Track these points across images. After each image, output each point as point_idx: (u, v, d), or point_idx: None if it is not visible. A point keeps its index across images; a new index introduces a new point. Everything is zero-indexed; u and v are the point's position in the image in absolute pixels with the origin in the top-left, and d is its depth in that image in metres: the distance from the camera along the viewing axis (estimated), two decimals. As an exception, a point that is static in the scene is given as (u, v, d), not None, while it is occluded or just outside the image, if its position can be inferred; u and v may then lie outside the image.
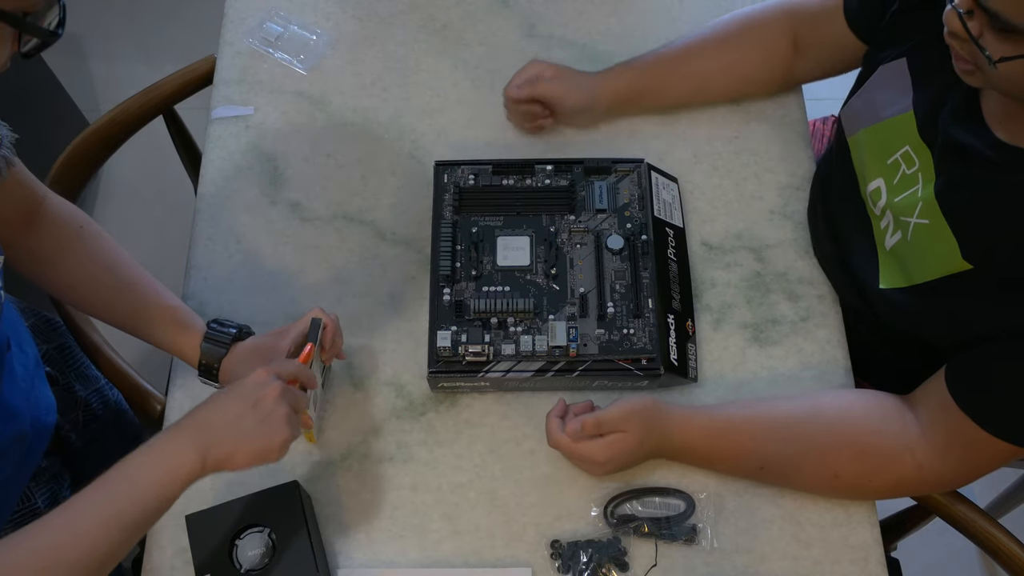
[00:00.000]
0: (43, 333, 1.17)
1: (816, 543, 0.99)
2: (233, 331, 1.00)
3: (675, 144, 1.24)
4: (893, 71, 1.00)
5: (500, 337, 1.02)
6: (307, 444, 1.04)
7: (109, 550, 0.76)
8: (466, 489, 1.03)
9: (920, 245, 0.95)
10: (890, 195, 0.99)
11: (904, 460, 0.94)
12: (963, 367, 0.91)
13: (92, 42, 2.38)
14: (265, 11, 1.34)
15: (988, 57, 0.77)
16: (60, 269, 0.99)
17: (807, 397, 1.01)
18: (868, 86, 1.04)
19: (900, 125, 0.98)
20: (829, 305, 1.12)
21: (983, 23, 0.77)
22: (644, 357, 1.01)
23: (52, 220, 0.99)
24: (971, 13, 0.78)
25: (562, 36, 1.32)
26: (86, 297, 1.02)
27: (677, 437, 0.98)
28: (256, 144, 1.24)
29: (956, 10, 0.79)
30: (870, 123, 1.02)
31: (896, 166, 0.98)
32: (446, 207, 1.10)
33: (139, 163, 2.10)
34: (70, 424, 1.15)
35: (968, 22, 0.78)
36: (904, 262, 0.98)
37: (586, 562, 0.97)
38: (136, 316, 1.01)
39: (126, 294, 1.00)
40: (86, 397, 1.18)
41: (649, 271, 1.06)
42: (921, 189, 0.94)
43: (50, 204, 1.00)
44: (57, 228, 0.99)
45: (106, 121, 1.28)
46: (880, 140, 1.01)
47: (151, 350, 1.03)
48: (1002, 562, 1.03)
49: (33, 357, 1.06)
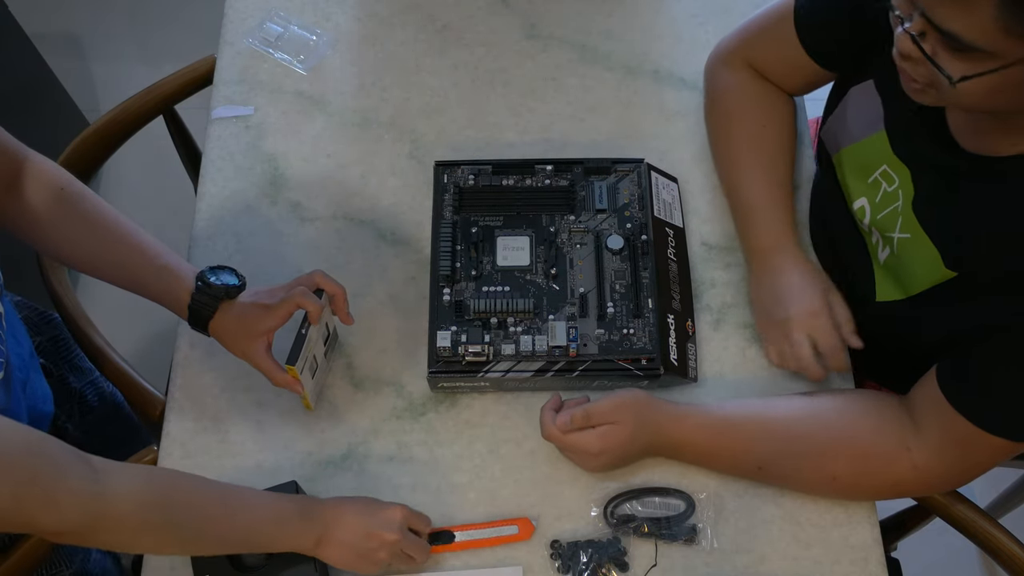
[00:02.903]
0: (36, 326, 1.18)
1: (816, 543, 0.99)
2: (219, 296, 0.98)
3: (675, 144, 1.24)
4: (863, 92, 1.01)
5: (500, 337, 1.02)
6: (307, 444, 1.04)
7: (222, 549, 0.90)
8: (466, 489, 1.03)
9: (907, 258, 0.96)
10: (873, 212, 1.01)
11: (901, 461, 0.94)
12: (952, 365, 0.92)
13: (92, 42, 2.38)
14: (265, 11, 1.34)
15: (948, 77, 0.77)
16: (43, 230, 0.98)
17: (805, 397, 1.01)
18: (842, 107, 1.05)
19: (875, 144, 0.99)
20: (829, 305, 1.12)
21: (936, 43, 0.77)
22: (644, 357, 1.01)
23: (33, 181, 0.97)
24: (924, 35, 0.77)
25: (562, 36, 1.32)
26: (71, 257, 1.01)
27: (672, 433, 0.98)
28: (256, 144, 1.24)
29: (908, 33, 0.78)
30: (847, 143, 1.04)
31: (877, 184, 1.00)
32: (446, 207, 1.10)
33: (139, 163, 2.09)
34: (66, 415, 1.16)
35: (922, 43, 0.78)
36: (898, 275, 0.99)
37: (586, 562, 0.97)
38: (124, 274, 1.00)
39: (111, 254, 0.99)
40: (80, 388, 1.19)
41: (649, 271, 1.06)
42: (901, 205, 0.96)
43: (31, 165, 0.98)
44: (37, 189, 0.97)
45: (106, 121, 1.28)
46: (859, 160, 1.02)
47: (151, 350, 1.03)
48: (1002, 562, 1.03)
49: (28, 348, 1.06)
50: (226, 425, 1.06)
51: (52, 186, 0.98)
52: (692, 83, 1.27)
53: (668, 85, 1.28)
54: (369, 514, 0.93)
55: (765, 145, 1.12)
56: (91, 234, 0.99)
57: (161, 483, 0.85)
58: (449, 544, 0.98)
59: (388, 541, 0.92)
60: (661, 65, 1.30)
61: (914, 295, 0.97)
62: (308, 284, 0.98)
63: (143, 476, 0.83)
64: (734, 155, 1.14)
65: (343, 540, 0.91)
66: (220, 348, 1.02)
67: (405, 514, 0.94)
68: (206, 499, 0.87)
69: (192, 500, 0.86)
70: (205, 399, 1.07)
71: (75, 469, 0.78)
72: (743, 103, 1.14)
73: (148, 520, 0.81)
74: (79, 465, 0.78)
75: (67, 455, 0.78)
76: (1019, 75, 0.74)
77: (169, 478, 0.88)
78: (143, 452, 1.07)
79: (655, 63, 1.30)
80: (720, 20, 1.32)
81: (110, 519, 0.79)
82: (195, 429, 1.06)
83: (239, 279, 0.99)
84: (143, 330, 1.94)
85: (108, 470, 0.80)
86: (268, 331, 0.97)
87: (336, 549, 0.91)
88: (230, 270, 1.00)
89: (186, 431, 1.06)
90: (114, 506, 0.79)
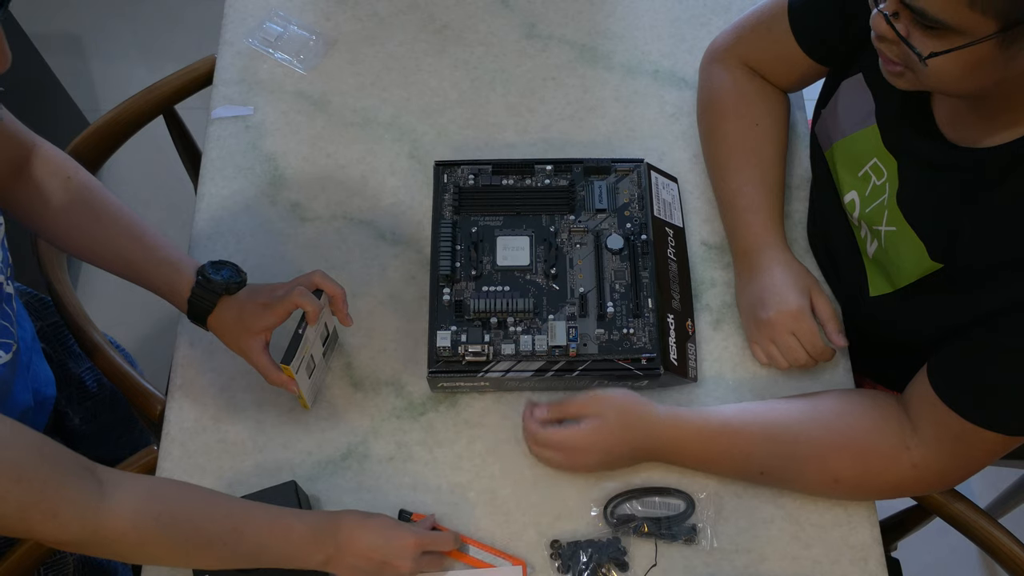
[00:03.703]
0: (37, 311, 1.19)
1: (816, 543, 0.99)
2: (219, 291, 0.98)
3: (675, 144, 1.24)
4: (854, 86, 1.01)
5: (500, 337, 1.02)
6: (307, 444, 1.04)
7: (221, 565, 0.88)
8: (466, 489, 1.03)
9: (894, 251, 0.97)
10: (863, 206, 1.01)
11: (902, 460, 0.94)
12: (942, 361, 0.92)
13: (92, 42, 2.38)
14: (265, 11, 1.34)
15: (918, 54, 0.78)
16: (48, 217, 0.98)
17: (804, 399, 1.01)
18: (834, 101, 1.05)
19: (866, 138, 0.99)
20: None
21: (909, 22, 0.78)
22: (644, 357, 1.01)
23: (41, 167, 0.98)
24: (897, 15, 0.79)
25: (562, 36, 1.32)
26: (74, 244, 1.01)
27: (668, 435, 0.98)
28: (256, 144, 1.24)
29: (882, 13, 0.80)
30: (839, 137, 1.04)
31: (867, 178, 1.00)
32: (446, 207, 1.10)
33: (139, 163, 2.10)
34: (66, 400, 1.16)
35: (896, 24, 0.79)
36: (886, 269, 1.00)
37: (586, 562, 0.97)
38: (125, 265, 1.00)
39: (113, 244, 0.99)
40: (80, 374, 1.19)
41: (649, 271, 1.06)
42: (887, 198, 0.97)
43: (41, 152, 0.99)
44: (45, 176, 0.98)
45: (106, 121, 1.28)
46: (850, 153, 1.03)
47: (151, 350, 1.03)
48: (1002, 562, 1.03)
49: (31, 332, 1.07)
50: (225, 425, 1.06)
51: (59, 174, 0.99)
52: (692, 83, 1.27)
53: (668, 85, 1.28)
54: (384, 539, 0.91)
55: (756, 144, 1.12)
56: (94, 223, 0.99)
57: (165, 499, 0.84)
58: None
59: (400, 571, 0.91)
60: (661, 65, 1.30)
61: (902, 288, 0.97)
62: (307, 284, 0.98)
63: (146, 491, 0.82)
64: (725, 154, 1.14)
65: (354, 565, 0.90)
66: (220, 348, 1.02)
67: (420, 543, 0.92)
68: (211, 517, 0.86)
69: (196, 517, 0.85)
70: (205, 399, 1.07)
71: (79, 481, 0.77)
72: (737, 101, 1.14)
73: (148, 537, 0.81)
74: (84, 476, 0.78)
75: (74, 465, 0.78)
76: (987, 53, 0.76)
77: (174, 493, 0.87)
78: (143, 452, 1.07)
79: (655, 63, 1.30)
80: (720, 20, 1.32)
81: (110, 533, 0.78)
82: (195, 429, 1.06)
83: (239, 275, 0.99)
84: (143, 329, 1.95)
85: (113, 482, 0.80)
86: (266, 329, 0.97)
87: (346, 572, 0.91)
88: (231, 266, 0.99)
89: (186, 431, 1.06)
90: (114, 521, 0.78)
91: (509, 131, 1.25)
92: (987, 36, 0.74)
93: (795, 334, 1.03)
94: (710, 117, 1.17)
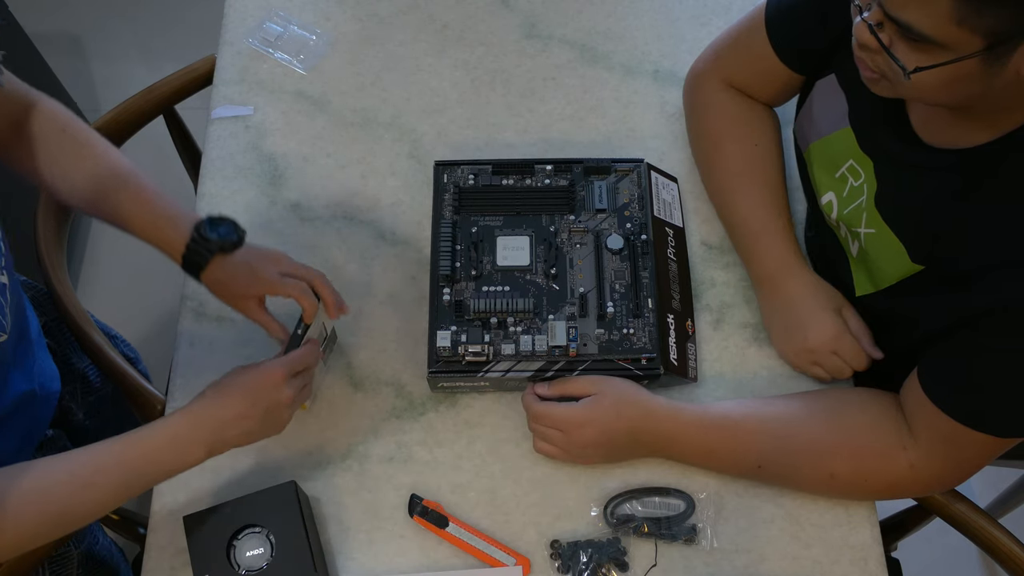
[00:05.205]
0: (41, 305, 1.18)
1: (816, 543, 1.00)
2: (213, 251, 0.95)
3: (675, 144, 1.24)
4: (827, 87, 1.01)
5: (500, 337, 1.02)
6: (307, 444, 1.04)
7: (108, 509, 0.85)
8: (466, 489, 1.03)
9: (875, 253, 0.97)
10: (840, 207, 1.01)
11: (898, 459, 0.94)
12: (930, 362, 0.93)
13: (92, 42, 2.38)
14: (265, 11, 1.34)
15: (903, 67, 0.78)
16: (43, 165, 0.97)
17: (803, 396, 1.01)
18: (809, 102, 1.05)
19: (841, 139, 0.99)
20: (829, 305, 1.12)
21: (893, 34, 0.78)
22: (644, 357, 1.01)
23: (39, 118, 0.97)
24: (880, 25, 0.78)
25: (562, 36, 1.32)
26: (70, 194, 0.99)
27: (666, 424, 0.98)
28: (256, 144, 1.24)
29: (866, 23, 0.79)
30: (815, 138, 1.04)
31: (844, 179, 1.00)
32: (446, 207, 1.10)
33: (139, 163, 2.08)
34: (70, 394, 1.16)
35: (879, 34, 0.78)
36: (869, 269, 1.00)
37: (586, 562, 0.97)
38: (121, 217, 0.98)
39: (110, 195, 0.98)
40: (83, 369, 1.19)
41: (649, 271, 1.06)
42: (865, 200, 0.96)
43: (41, 106, 0.98)
44: (42, 125, 0.97)
45: (106, 121, 1.28)
46: (827, 155, 1.02)
47: (151, 350, 1.03)
48: (1002, 562, 1.03)
49: (35, 326, 1.06)
50: (226, 425, 1.06)
51: (56, 124, 0.98)
52: (692, 83, 1.27)
53: (668, 85, 1.28)
54: (250, 391, 0.89)
55: (759, 164, 1.12)
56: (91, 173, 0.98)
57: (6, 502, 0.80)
58: (441, 529, 0.98)
59: (285, 401, 0.91)
60: (661, 65, 1.30)
61: (885, 289, 0.97)
62: (307, 280, 0.98)
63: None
64: (730, 179, 1.13)
65: (239, 433, 0.89)
66: (220, 348, 1.02)
67: (284, 369, 0.91)
68: (54, 480, 0.82)
69: (38, 487, 0.81)
70: (205, 399, 1.07)
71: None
72: (731, 124, 1.13)
73: (7, 521, 0.79)
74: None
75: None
76: (971, 68, 0.75)
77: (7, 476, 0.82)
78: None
79: (655, 63, 1.30)
80: (721, 20, 1.33)
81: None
82: (195, 429, 1.06)
83: (236, 232, 0.96)
84: (143, 329, 1.95)
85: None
86: (257, 296, 0.97)
87: (235, 440, 0.89)
88: (229, 222, 0.96)
89: (186, 431, 1.06)
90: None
91: (509, 131, 1.25)
92: (973, 53, 0.73)
93: (837, 353, 1.03)
94: (706, 144, 1.16)
